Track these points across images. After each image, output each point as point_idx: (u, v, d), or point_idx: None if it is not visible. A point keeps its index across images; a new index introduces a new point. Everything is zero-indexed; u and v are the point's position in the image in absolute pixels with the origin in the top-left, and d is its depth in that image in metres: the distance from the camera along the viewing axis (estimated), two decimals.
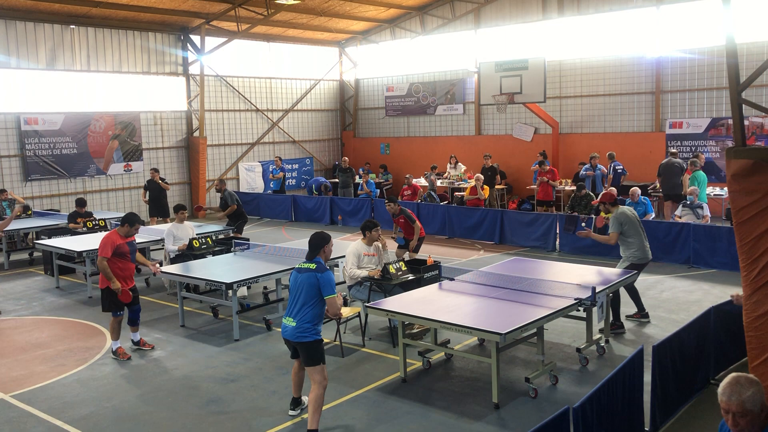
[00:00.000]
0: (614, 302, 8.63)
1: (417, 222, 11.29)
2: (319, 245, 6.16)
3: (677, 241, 12.62)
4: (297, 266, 6.19)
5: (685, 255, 12.54)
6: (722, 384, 3.13)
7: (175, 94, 20.88)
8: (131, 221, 8.29)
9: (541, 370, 6.94)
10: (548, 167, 17.64)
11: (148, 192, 16.83)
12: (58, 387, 7.43)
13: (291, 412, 6.51)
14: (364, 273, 8.67)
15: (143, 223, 10.05)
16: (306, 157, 24.73)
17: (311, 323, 5.93)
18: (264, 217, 20.25)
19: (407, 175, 19.56)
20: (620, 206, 9.15)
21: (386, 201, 11.80)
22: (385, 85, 24.56)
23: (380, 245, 9.12)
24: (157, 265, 9.42)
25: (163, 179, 17.02)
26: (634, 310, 9.28)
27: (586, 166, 16.87)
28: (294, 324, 5.95)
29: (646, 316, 9.18)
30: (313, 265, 6.02)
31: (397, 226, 11.64)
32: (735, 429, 3.06)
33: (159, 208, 16.80)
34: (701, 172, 14.10)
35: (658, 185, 15.72)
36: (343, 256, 9.31)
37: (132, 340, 8.65)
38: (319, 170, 25.27)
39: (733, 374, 3.14)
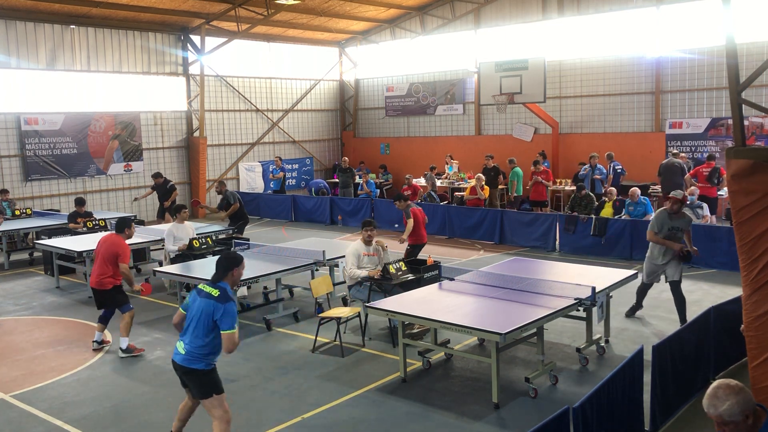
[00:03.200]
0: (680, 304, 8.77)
1: (410, 219, 10.97)
2: (227, 267, 5.39)
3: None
4: (199, 286, 5.48)
5: None
6: (706, 393, 3.17)
7: (175, 94, 20.88)
8: (129, 224, 8.52)
9: (541, 370, 6.94)
10: (542, 167, 17.62)
11: (154, 192, 16.78)
12: (58, 387, 7.43)
13: None
14: (363, 273, 8.67)
15: None
16: (306, 157, 24.74)
17: (203, 352, 5.27)
18: (264, 217, 20.26)
19: (407, 176, 19.56)
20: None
21: (394, 200, 11.63)
22: (385, 85, 24.56)
23: (381, 246, 9.12)
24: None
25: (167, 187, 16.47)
26: (639, 310, 9.27)
27: (586, 166, 16.87)
28: (183, 350, 5.30)
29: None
30: (215, 291, 5.27)
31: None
32: None
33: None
34: (518, 168, 15.25)
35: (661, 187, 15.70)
36: (343, 256, 9.32)
37: (95, 341, 8.63)
38: (319, 170, 25.27)
39: (716, 383, 3.15)
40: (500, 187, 19.05)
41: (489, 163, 18.58)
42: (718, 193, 15.27)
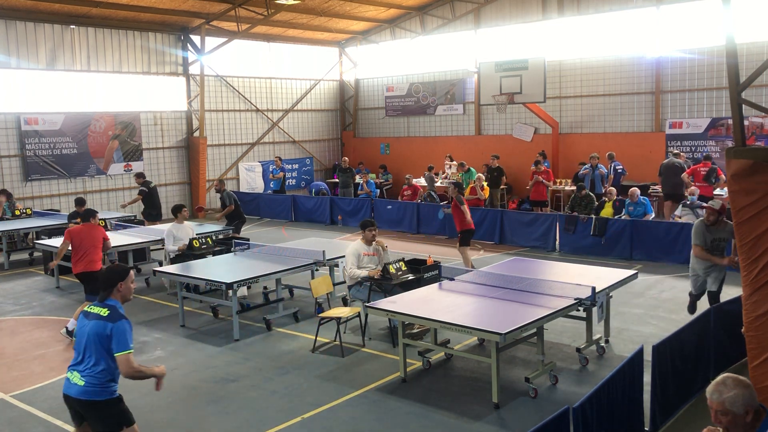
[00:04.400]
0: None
1: (464, 205, 11.96)
2: (113, 281, 4.80)
3: (677, 241, 12.61)
4: (86, 308, 4.89)
5: (685, 255, 12.43)
6: (712, 382, 3.21)
7: (175, 94, 20.88)
8: (95, 213, 9.60)
9: (541, 370, 6.94)
10: (543, 167, 17.63)
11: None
12: (58, 387, 7.39)
13: None
14: (363, 273, 8.67)
15: None
16: (306, 157, 24.74)
17: (104, 379, 4.65)
18: (264, 217, 20.25)
19: (407, 176, 19.58)
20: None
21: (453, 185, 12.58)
22: (385, 85, 24.56)
23: (381, 246, 9.11)
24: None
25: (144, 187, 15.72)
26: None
27: (586, 166, 16.86)
28: (80, 381, 4.64)
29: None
30: (104, 311, 4.69)
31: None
32: (719, 426, 3.18)
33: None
34: (473, 170, 15.41)
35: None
36: (343, 256, 9.32)
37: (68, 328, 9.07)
38: (319, 170, 25.27)
39: (725, 375, 3.18)
40: (502, 187, 19.07)
41: (494, 163, 18.58)
42: (717, 192, 15.27)
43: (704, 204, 13.52)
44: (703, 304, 8.80)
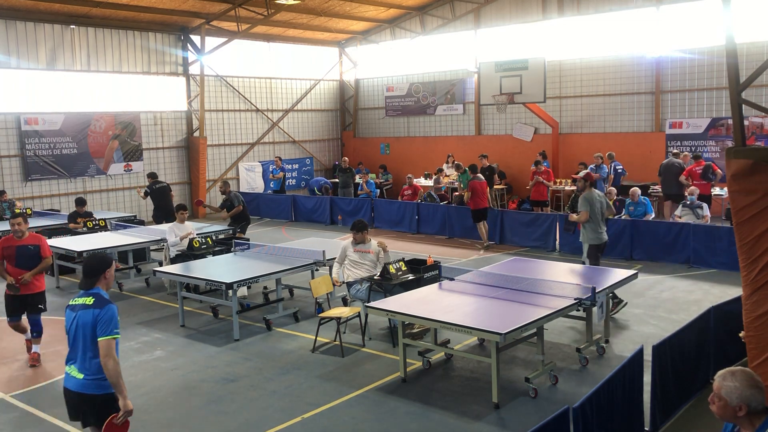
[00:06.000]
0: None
1: (467, 192, 14.77)
2: (97, 270, 4.78)
3: (677, 241, 12.62)
4: (71, 302, 4.81)
5: (685, 255, 12.54)
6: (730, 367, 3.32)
7: (175, 94, 20.88)
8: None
9: (541, 370, 6.94)
10: (543, 167, 17.63)
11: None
12: (58, 387, 7.39)
13: None
14: (335, 270, 8.98)
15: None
16: (306, 157, 24.73)
17: (101, 373, 4.58)
18: (264, 217, 20.25)
19: (408, 176, 19.58)
20: (592, 189, 9.76)
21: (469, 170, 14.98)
22: (385, 85, 24.56)
23: (382, 246, 9.11)
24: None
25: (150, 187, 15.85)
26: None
27: (591, 166, 16.85)
28: (79, 375, 4.63)
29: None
30: (90, 299, 4.65)
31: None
32: (711, 406, 3.27)
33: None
34: (466, 174, 15.72)
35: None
36: None
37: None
38: (319, 170, 25.27)
39: (743, 368, 3.24)
40: (496, 186, 19.04)
41: (484, 162, 18.58)
42: (717, 192, 15.29)
43: (704, 204, 13.61)
44: (704, 304, 8.81)
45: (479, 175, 15.00)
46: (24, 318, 8.25)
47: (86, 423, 4.80)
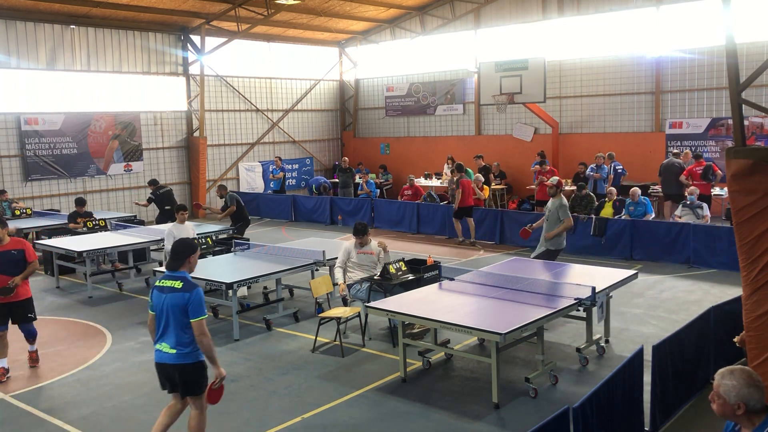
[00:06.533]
0: None
1: (458, 190, 14.90)
2: (184, 253, 5.38)
3: (677, 241, 12.62)
4: (158, 283, 5.38)
5: (685, 255, 12.54)
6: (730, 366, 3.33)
7: (175, 94, 20.88)
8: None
9: (541, 370, 6.94)
10: (548, 167, 17.66)
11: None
12: (58, 387, 7.43)
13: None
14: (339, 275, 8.83)
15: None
16: (306, 157, 24.74)
17: (191, 345, 5.29)
18: (264, 217, 20.25)
19: (410, 176, 19.58)
20: (562, 195, 10.06)
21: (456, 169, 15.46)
22: (385, 85, 24.56)
23: (382, 247, 9.11)
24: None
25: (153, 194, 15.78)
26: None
27: (592, 166, 16.85)
28: (171, 348, 5.27)
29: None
30: (178, 283, 5.24)
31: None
32: (711, 404, 3.28)
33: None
34: (470, 170, 16.25)
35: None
36: None
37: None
38: (319, 170, 25.27)
39: (744, 367, 3.25)
40: (493, 186, 19.05)
41: (479, 163, 18.60)
42: (717, 192, 15.28)
43: (704, 204, 13.62)
44: (704, 304, 8.81)
45: (464, 174, 15.48)
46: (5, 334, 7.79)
47: (173, 389, 5.44)
